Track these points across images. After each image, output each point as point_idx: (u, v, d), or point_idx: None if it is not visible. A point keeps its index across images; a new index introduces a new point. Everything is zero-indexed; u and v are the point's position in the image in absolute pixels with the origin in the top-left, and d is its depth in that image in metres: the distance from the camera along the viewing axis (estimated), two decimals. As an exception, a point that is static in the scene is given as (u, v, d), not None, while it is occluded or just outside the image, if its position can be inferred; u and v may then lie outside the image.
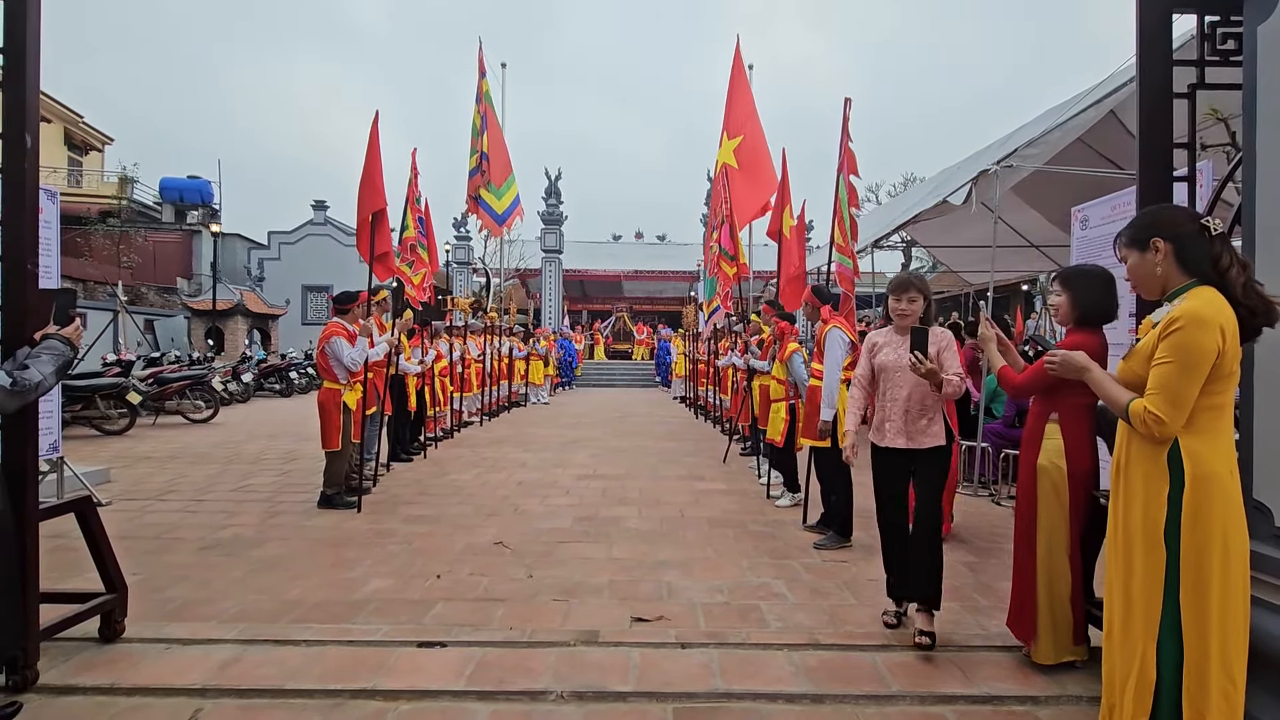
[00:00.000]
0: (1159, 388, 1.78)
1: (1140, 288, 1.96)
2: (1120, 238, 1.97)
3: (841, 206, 4.82)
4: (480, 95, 11.26)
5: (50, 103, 24.49)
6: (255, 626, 3.10)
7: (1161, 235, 1.84)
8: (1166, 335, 1.75)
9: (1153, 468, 1.80)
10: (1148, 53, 2.48)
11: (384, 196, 5.44)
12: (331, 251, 23.64)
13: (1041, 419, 2.76)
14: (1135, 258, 1.92)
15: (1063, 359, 2.17)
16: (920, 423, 3.01)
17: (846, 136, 5.01)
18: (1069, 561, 2.68)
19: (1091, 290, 2.69)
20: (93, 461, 7.28)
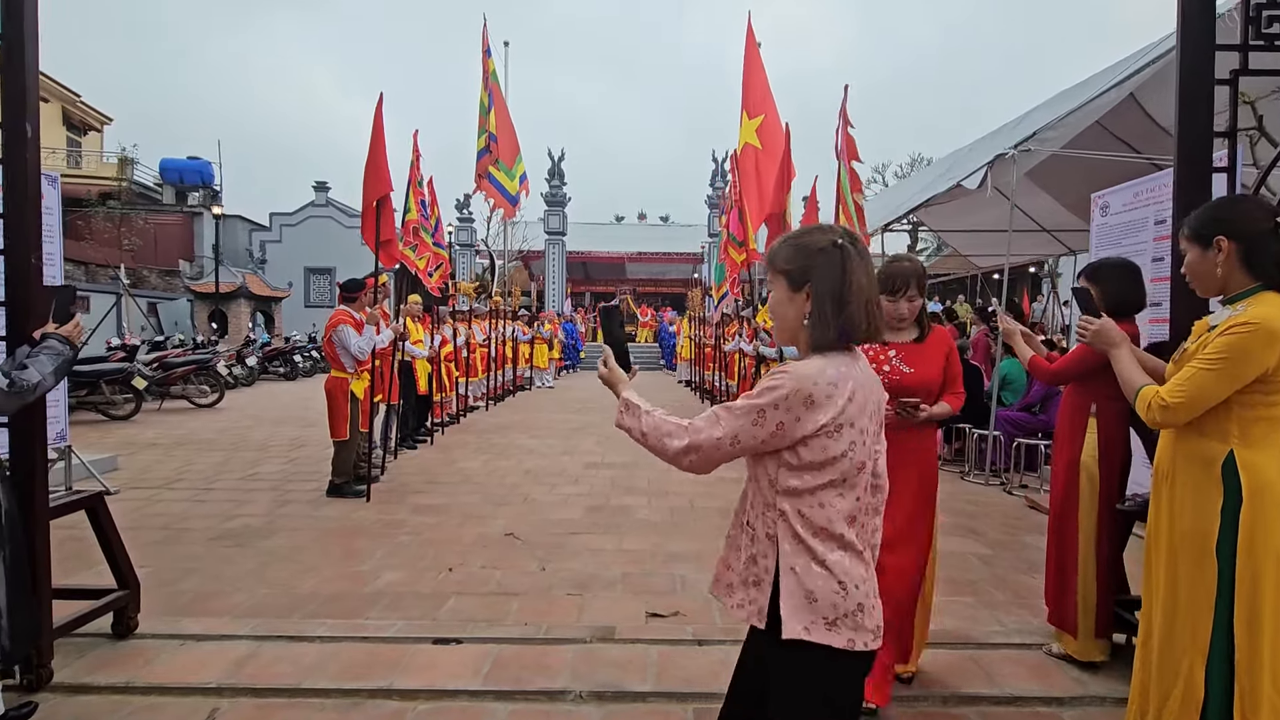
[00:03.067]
0: (1186, 383, 1.72)
1: (1196, 284, 1.86)
2: (1183, 228, 1.86)
3: (845, 194, 4.74)
4: (486, 74, 11.09)
5: (48, 82, 24.21)
6: (269, 622, 3.08)
7: (1227, 233, 1.74)
8: (1226, 333, 1.67)
9: (1204, 477, 1.74)
10: (1188, 36, 2.38)
11: (389, 182, 5.35)
12: (333, 233, 23.49)
13: (1081, 412, 2.70)
14: (1195, 253, 1.82)
15: (1098, 328, 2.08)
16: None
17: (846, 122, 4.91)
18: (1103, 557, 2.64)
19: (1120, 282, 2.63)
20: (99, 448, 7.27)
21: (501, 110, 11.43)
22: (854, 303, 1.30)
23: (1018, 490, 5.73)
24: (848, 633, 1.27)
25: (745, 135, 6.98)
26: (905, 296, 2.39)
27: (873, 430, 1.34)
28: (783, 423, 1.26)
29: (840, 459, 1.28)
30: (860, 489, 1.33)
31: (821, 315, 1.32)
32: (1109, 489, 2.61)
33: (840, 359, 1.32)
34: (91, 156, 25.12)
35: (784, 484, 1.30)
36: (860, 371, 1.34)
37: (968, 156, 9.64)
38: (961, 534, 4.55)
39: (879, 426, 1.38)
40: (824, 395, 1.25)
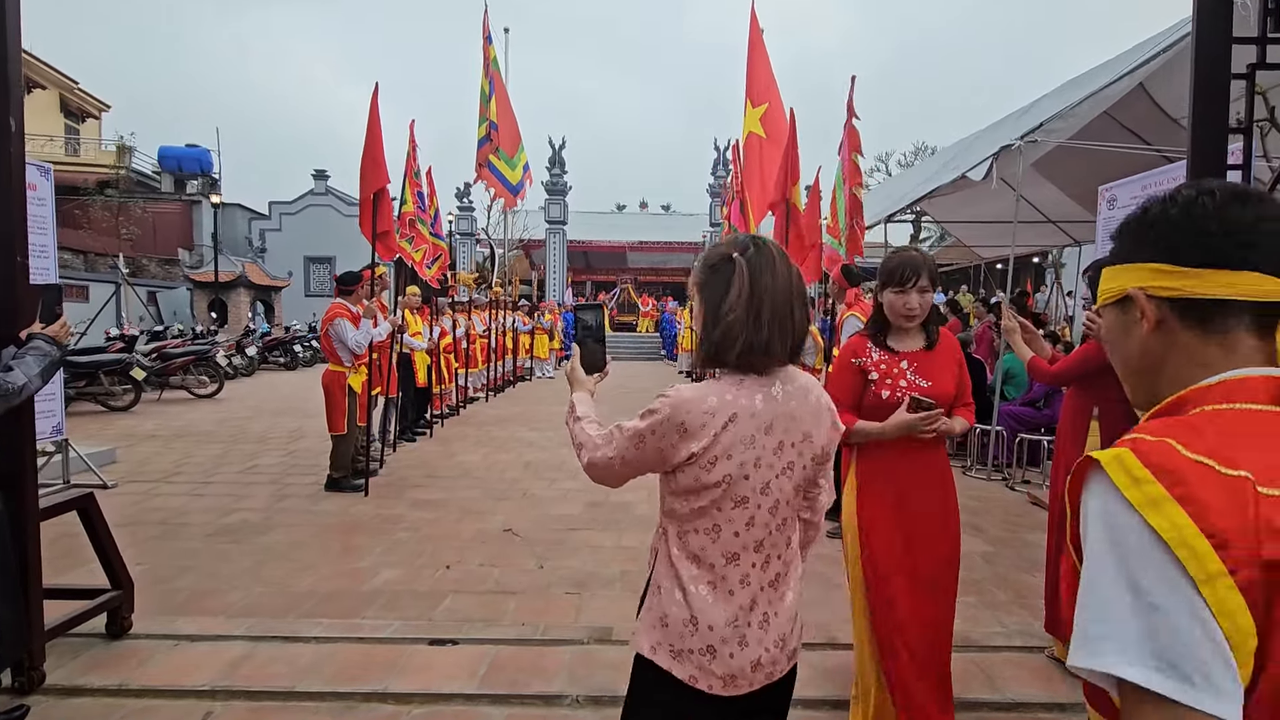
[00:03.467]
0: None
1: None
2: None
3: (837, 186, 4.67)
4: (487, 62, 10.96)
5: (45, 69, 24.06)
6: (264, 622, 3.06)
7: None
8: None
9: None
10: (1205, 28, 2.30)
11: (386, 173, 5.28)
12: (333, 222, 23.37)
13: (1083, 414, 2.66)
14: None
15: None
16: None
17: (851, 114, 4.83)
18: None
19: None
20: (98, 440, 7.25)
21: (502, 98, 11.31)
22: (735, 318, 1.18)
23: (1020, 486, 5.70)
24: (691, 669, 1.23)
25: (749, 124, 6.87)
26: (916, 287, 2.11)
27: (778, 464, 1.22)
28: (660, 448, 1.21)
29: (713, 489, 1.20)
30: (742, 524, 1.22)
31: (703, 333, 1.24)
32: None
33: (729, 383, 1.22)
34: (90, 144, 24.99)
35: (667, 504, 1.29)
36: (759, 399, 1.21)
37: (972, 146, 9.53)
38: (963, 531, 4.50)
39: (799, 461, 1.25)
40: (697, 424, 1.18)
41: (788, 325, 1.22)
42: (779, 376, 1.25)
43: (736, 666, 1.22)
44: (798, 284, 1.26)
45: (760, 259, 1.22)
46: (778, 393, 1.23)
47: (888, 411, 2.10)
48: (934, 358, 2.18)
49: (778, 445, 1.22)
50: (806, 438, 1.25)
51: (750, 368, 1.23)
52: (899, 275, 2.12)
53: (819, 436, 1.27)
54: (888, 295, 2.16)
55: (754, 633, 1.23)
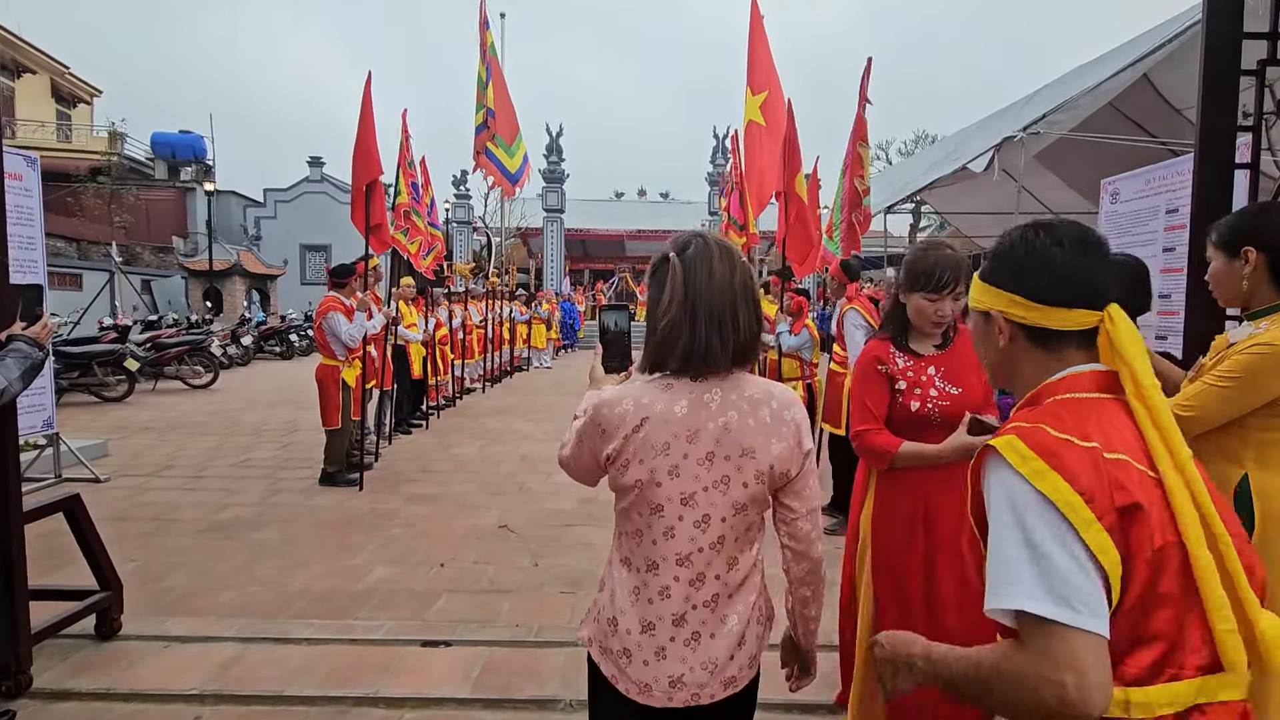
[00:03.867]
0: (1195, 398, 1.64)
1: (1219, 294, 1.77)
2: (1210, 233, 1.77)
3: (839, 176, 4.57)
4: (484, 47, 10.81)
5: (35, 53, 23.75)
6: (255, 623, 3.03)
7: (1257, 244, 1.63)
8: (1244, 352, 1.58)
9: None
10: (1215, 23, 2.24)
11: (379, 165, 5.20)
12: (329, 210, 23.20)
13: None
14: (1221, 262, 1.72)
15: None
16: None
17: (865, 100, 4.70)
18: None
19: (1120, 282, 2.51)
20: (91, 431, 7.21)
21: (499, 85, 11.16)
22: (669, 320, 1.15)
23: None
24: (611, 667, 1.24)
25: (749, 112, 6.77)
26: (951, 294, 1.88)
27: (706, 478, 1.16)
28: (590, 449, 1.22)
29: (628, 492, 1.19)
30: (660, 533, 1.19)
31: (646, 337, 1.20)
32: None
33: (655, 386, 1.18)
34: (81, 130, 24.72)
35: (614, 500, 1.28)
36: (683, 405, 1.15)
37: (974, 136, 9.44)
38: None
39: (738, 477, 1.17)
40: (613, 425, 1.17)
41: (728, 329, 1.15)
42: (721, 384, 1.19)
43: (651, 676, 1.20)
44: (742, 283, 1.19)
45: (697, 258, 1.17)
46: (711, 400, 1.17)
47: (918, 425, 1.90)
48: (957, 359, 1.98)
49: (705, 456, 1.16)
50: (747, 453, 1.17)
51: (688, 372, 1.18)
52: (935, 280, 1.86)
53: (767, 455, 1.18)
54: (917, 299, 1.91)
55: (676, 648, 1.20)
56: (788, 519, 1.27)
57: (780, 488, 1.23)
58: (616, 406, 1.18)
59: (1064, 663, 0.79)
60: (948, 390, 1.92)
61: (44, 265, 5.18)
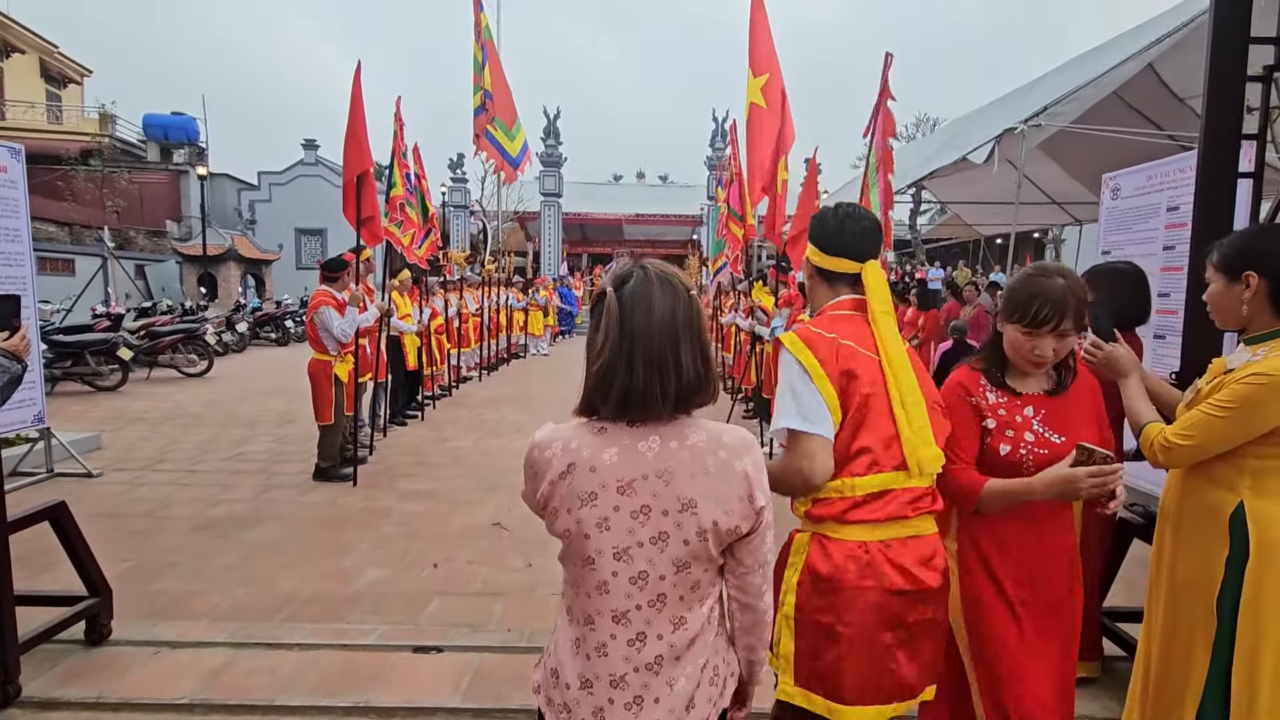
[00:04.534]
0: (1193, 427, 1.61)
1: (1217, 316, 1.73)
2: (1210, 253, 1.72)
3: (870, 172, 4.46)
4: (479, 29, 10.64)
5: (24, 32, 23.35)
6: (247, 627, 3.02)
7: (1259, 268, 1.59)
8: (1241, 381, 1.55)
9: (1211, 527, 1.64)
10: (1221, 29, 2.18)
11: (370, 156, 5.11)
12: (324, 193, 22.96)
13: None
14: (1220, 284, 1.68)
15: (1108, 354, 1.83)
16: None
17: (887, 95, 4.56)
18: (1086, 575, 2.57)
19: (1119, 290, 2.48)
20: (84, 422, 7.18)
21: (496, 68, 11.01)
22: (604, 361, 1.07)
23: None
24: (554, 718, 1.16)
25: (751, 94, 6.66)
26: (1054, 332, 1.57)
27: (642, 532, 1.07)
28: (530, 488, 1.16)
29: (563, 540, 1.12)
30: (593, 587, 1.10)
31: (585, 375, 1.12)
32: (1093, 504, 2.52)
33: (585, 430, 1.10)
34: (72, 111, 24.40)
35: None
36: (613, 453, 1.07)
37: (975, 123, 9.33)
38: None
39: (678, 534, 1.07)
40: (541, 468, 1.12)
41: (669, 370, 1.06)
42: (660, 430, 1.09)
43: None
44: (686, 321, 1.09)
45: (634, 294, 1.08)
46: (648, 448, 1.08)
47: (1006, 472, 1.63)
48: (1069, 404, 1.69)
49: (639, 509, 1.07)
50: (688, 507, 1.06)
51: (624, 417, 1.09)
52: (1033, 315, 1.57)
53: (712, 509, 1.07)
54: (1012, 332, 1.64)
55: (616, 711, 1.10)
56: (737, 571, 1.17)
57: (730, 544, 1.13)
58: (546, 449, 1.11)
59: (804, 454, 1.44)
60: (1048, 437, 1.63)
61: (30, 258, 5.11)
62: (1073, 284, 1.59)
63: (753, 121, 6.46)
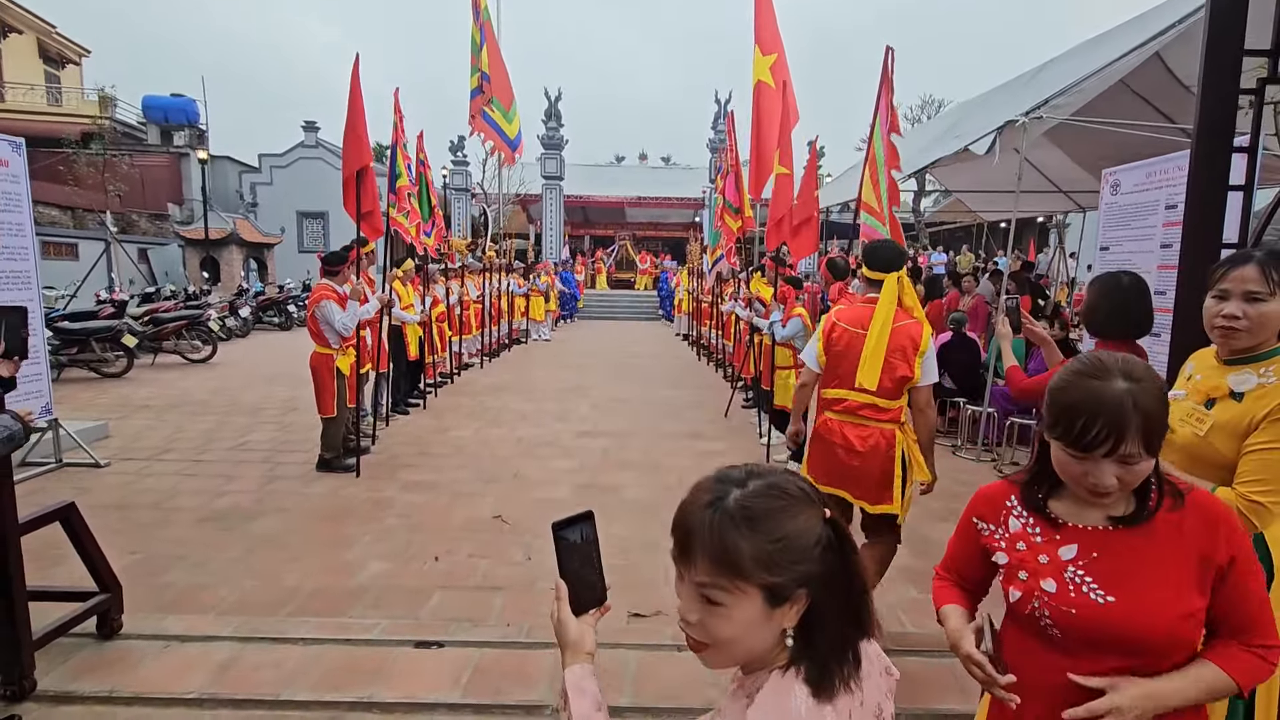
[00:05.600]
0: (1267, 470, 1.55)
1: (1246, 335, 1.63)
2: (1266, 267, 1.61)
3: (878, 167, 4.42)
4: (478, 10, 10.54)
5: (21, 11, 23.15)
6: (253, 621, 3.11)
7: None
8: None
9: None
10: (1216, 36, 2.18)
11: (369, 151, 5.11)
12: (325, 175, 22.85)
13: None
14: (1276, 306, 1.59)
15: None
16: None
17: (889, 89, 4.51)
18: None
19: (1108, 298, 2.49)
20: (91, 410, 7.27)
21: (494, 49, 10.92)
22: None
23: (1008, 468, 5.73)
24: None
25: (758, 72, 6.60)
26: (1115, 456, 1.08)
27: None
28: None
29: None
30: None
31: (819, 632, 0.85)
32: None
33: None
34: (71, 93, 24.25)
35: None
36: None
37: (977, 111, 9.24)
38: (948, 519, 4.55)
39: None
40: None
41: None
42: None
43: None
44: None
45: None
46: None
47: (1025, 625, 1.23)
48: (1142, 546, 1.15)
49: None
50: None
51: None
52: (1079, 432, 1.09)
53: None
54: (1058, 450, 1.16)
55: None
56: None
57: None
58: None
59: (803, 371, 3.15)
60: (1086, 592, 1.15)
61: (35, 251, 5.16)
62: (1139, 389, 1.08)
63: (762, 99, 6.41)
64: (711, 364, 11.38)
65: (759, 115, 6.26)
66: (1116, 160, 5.98)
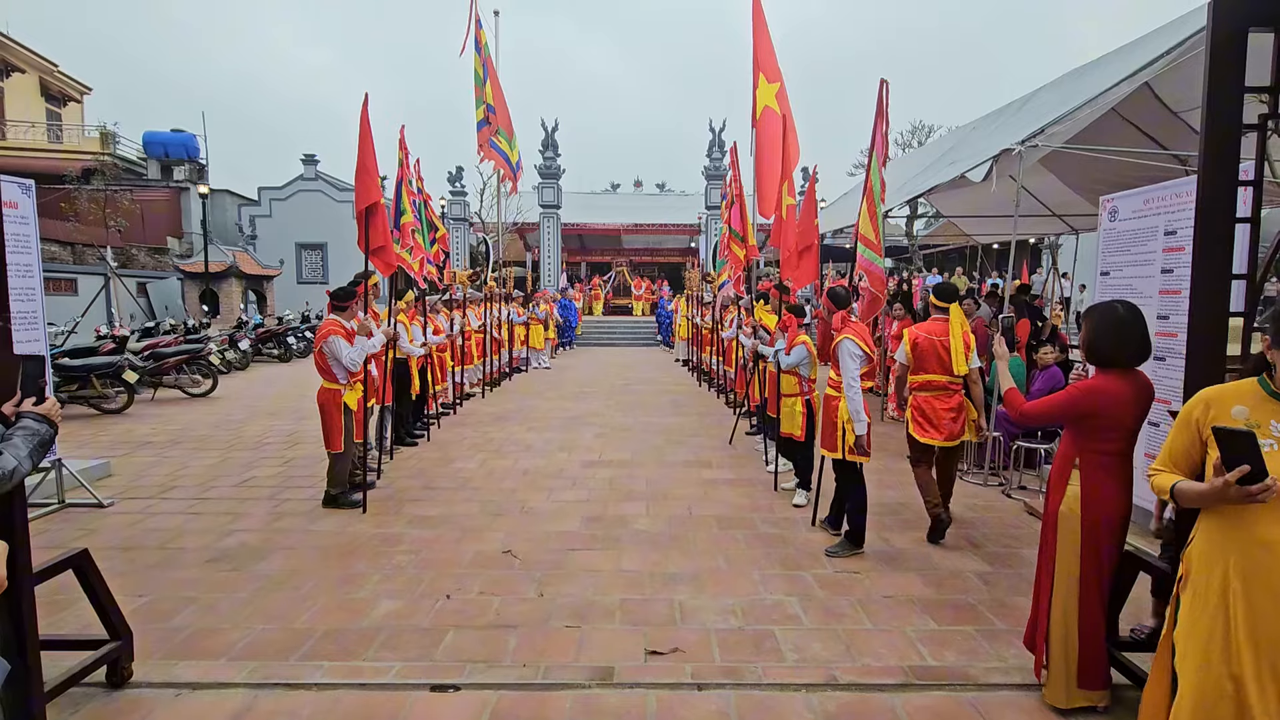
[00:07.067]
0: None
1: None
2: None
3: (875, 200, 4.51)
4: (480, 45, 10.79)
5: (24, 52, 23.48)
6: (266, 666, 3.06)
7: None
8: None
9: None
10: (1217, 77, 2.24)
11: (379, 189, 5.17)
12: (324, 208, 23.07)
13: (1066, 461, 2.66)
14: None
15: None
16: None
17: (883, 121, 4.59)
18: (1087, 608, 2.63)
19: (1107, 328, 2.55)
20: (92, 447, 7.23)
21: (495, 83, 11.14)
22: None
23: (1016, 492, 5.72)
24: None
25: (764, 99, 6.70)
26: None
27: None
28: None
29: None
30: None
31: None
32: (1093, 541, 2.57)
33: None
34: (72, 130, 24.50)
35: None
36: None
37: (970, 138, 9.40)
38: (960, 546, 4.54)
39: None
40: None
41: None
42: None
43: None
44: None
45: None
46: None
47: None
48: None
49: None
50: None
51: None
52: None
53: None
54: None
55: None
56: None
57: None
58: None
59: (899, 370, 4.92)
60: None
61: (40, 291, 5.16)
62: None
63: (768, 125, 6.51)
64: (713, 390, 11.38)
65: (766, 140, 6.36)
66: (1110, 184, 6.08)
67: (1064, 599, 2.66)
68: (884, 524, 4.94)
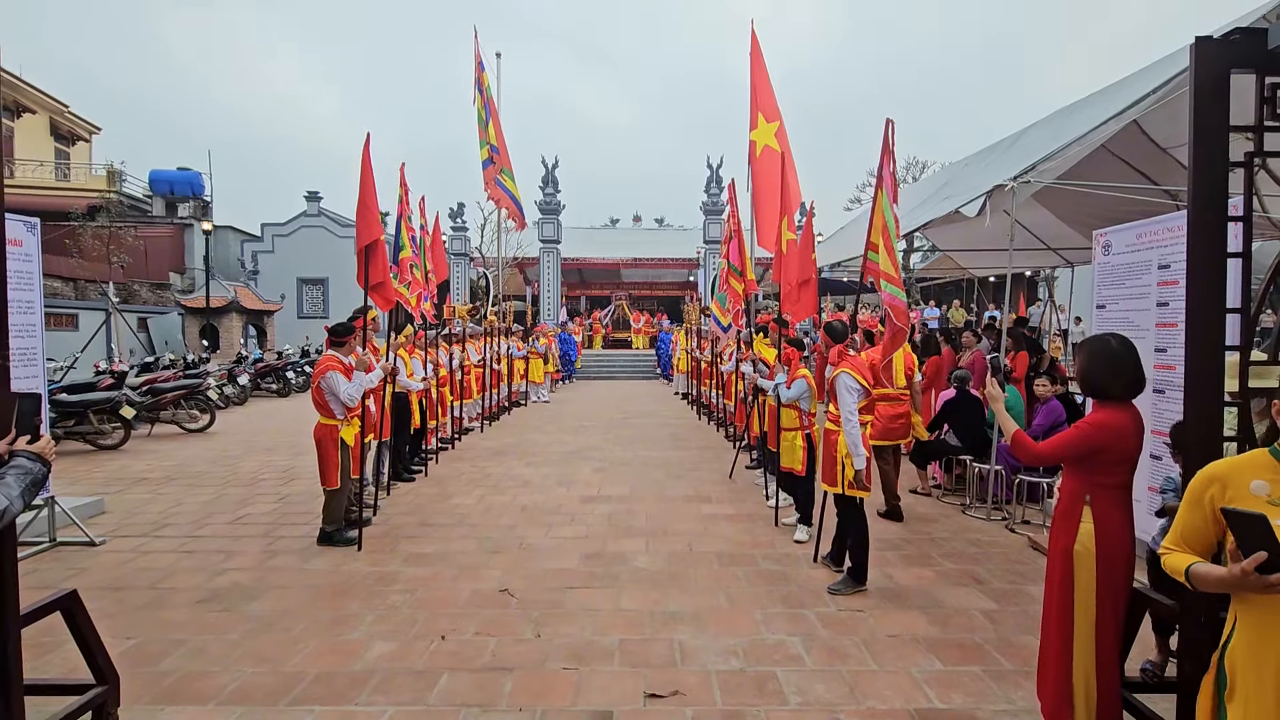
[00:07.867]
0: None
1: None
2: None
3: (891, 236, 4.53)
4: (482, 87, 11.06)
5: (35, 93, 23.98)
6: (255, 711, 2.98)
7: None
8: None
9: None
10: (1202, 119, 2.29)
11: (380, 226, 5.23)
12: (326, 243, 23.31)
13: (1075, 499, 2.61)
14: None
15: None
16: None
17: (890, 159, 4.63)
18: (1104, 648, 2.56)
19: (1101, 362, 2.55)
20: (86, 483, 7.17)
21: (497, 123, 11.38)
22: None
23: (1020, 526, 5.65)
24: None
25: (763, 138, 6.84)
26: None
27: None
28: None
29: None
30: None
31: None
32: (1109, 578, 2.53)
33: None
34: (80, 169, 24.89)
35: None
36: None
37: (964, 173, 9.55)
38: (965, 583, 4.47)
39: None
40: None
41: None
42: None
43: None
44: None
45: None
46: None
47: None
48: None
49: None
50: None
51: None
52: None
53: None
54: None
55: None
56: None
57: None
58: None
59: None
60: None
61: (41, 327, 5.18)
62: None
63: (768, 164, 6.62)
64: (712, 423, 11.34)
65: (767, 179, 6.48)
66: (1102, 218, 6.16)
67: (1085, 641, 2.59)
68: (886, 559, 4.88)
